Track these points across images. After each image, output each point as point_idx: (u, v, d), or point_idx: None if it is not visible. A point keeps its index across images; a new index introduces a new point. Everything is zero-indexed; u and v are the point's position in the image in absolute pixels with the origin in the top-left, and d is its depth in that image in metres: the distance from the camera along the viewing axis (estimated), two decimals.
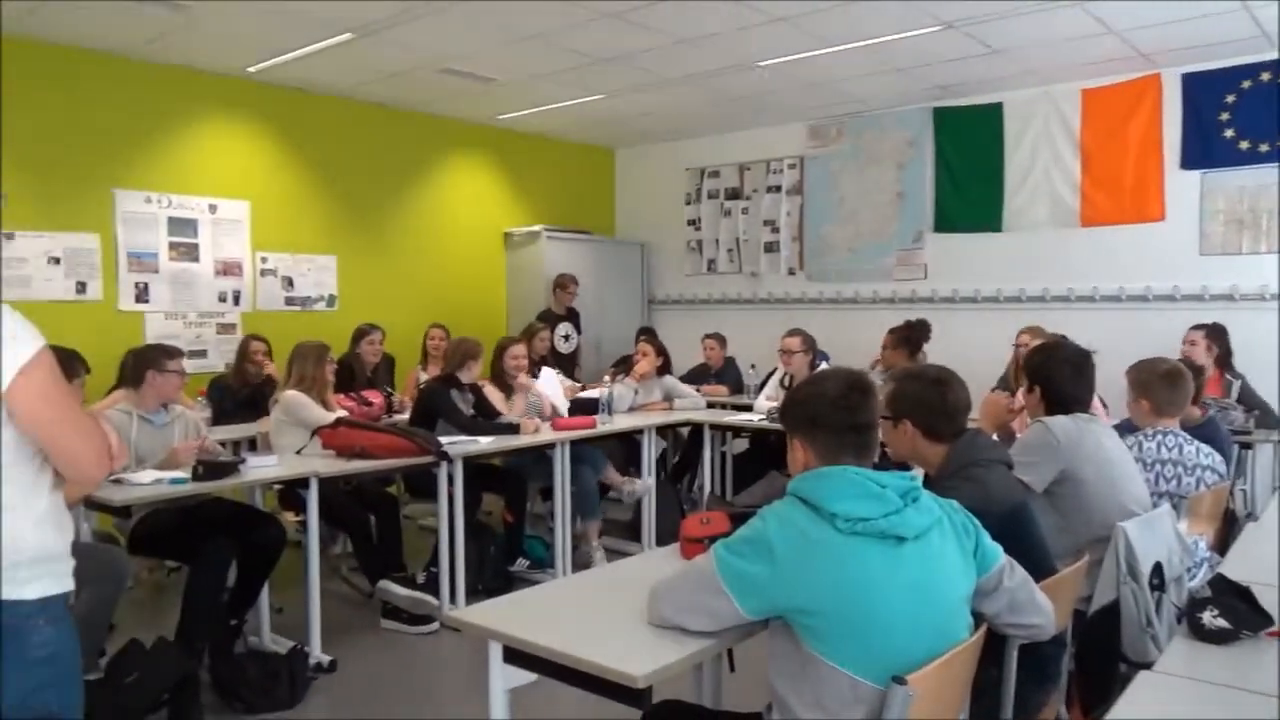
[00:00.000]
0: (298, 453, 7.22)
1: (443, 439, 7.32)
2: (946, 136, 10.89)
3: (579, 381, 10.36)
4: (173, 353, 6.45)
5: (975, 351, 9.46)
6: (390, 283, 11.13)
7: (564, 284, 11.51)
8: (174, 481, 6.12)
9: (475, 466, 7.51)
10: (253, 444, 8.06)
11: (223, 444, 7.58)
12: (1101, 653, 4.55)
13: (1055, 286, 10.34)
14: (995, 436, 5.38)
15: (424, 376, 9.40)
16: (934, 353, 9.12)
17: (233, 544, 6.48)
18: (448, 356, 8.00)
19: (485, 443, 7.41)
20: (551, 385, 8.84)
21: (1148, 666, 3.78)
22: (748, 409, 9.62)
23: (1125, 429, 5.60)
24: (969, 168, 10.75)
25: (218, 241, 10.00)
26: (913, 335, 8.97)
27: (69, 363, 5.96)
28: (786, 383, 9.05)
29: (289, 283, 10.48)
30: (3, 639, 3.51)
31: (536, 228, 12.35)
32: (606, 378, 9.53)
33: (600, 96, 10.39)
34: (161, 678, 5.53)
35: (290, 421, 7.47)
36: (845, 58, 9.36)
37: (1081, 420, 5.05)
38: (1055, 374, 5.12)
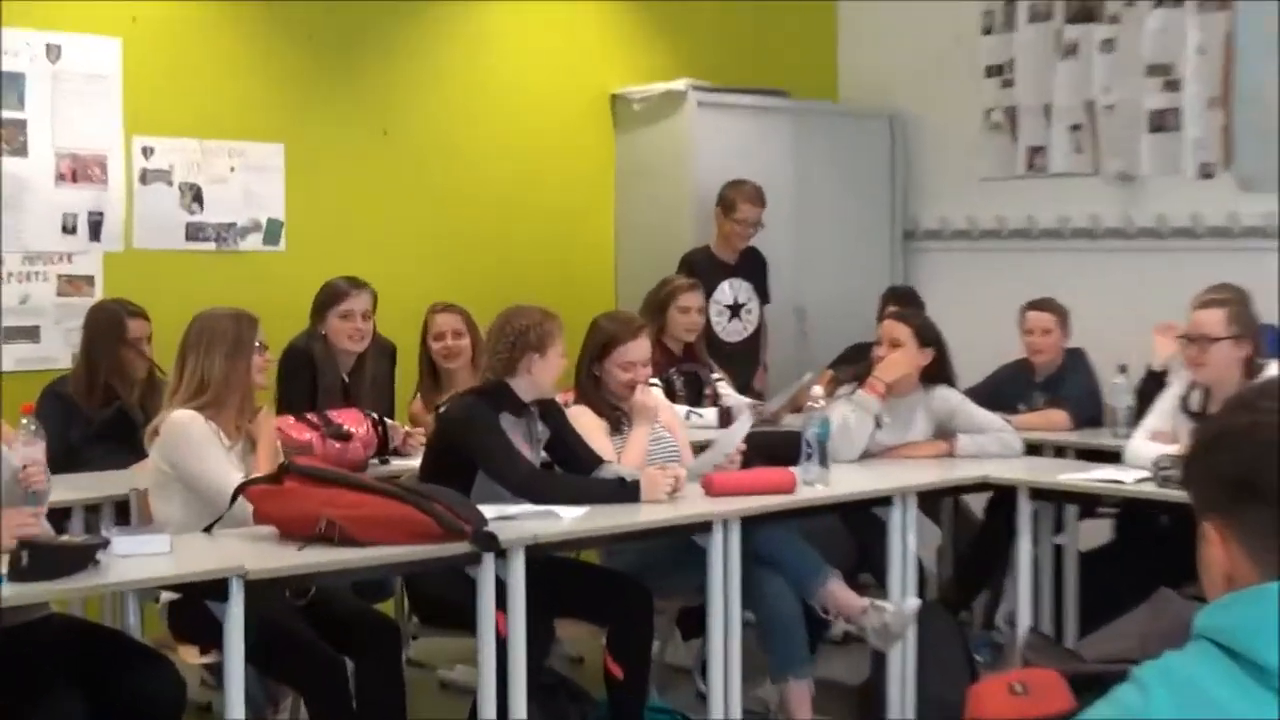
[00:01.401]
0: (205, 530, 4.35)
1: (486, 509, 4.32)
2: None
3: (760, 399, 6.56)
4: None
5: None
6: (386, 203, 6.85)
7: (735, 201, 6.99)
8: None
9: (550, 565, 4.49)
10: (123, 510, 4.87)
11: (63, 511, 4.63)
12: None
13: None
14: None
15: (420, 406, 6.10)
16: None
17: (80, 704, 3.92)
18: (494, 348, 4.79)
19: (570, 517, 4.46)
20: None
21: None
22: (1112, 458, 5.69)
23: None
24: None
25: (63, 115, 6.10)
26: None
27: None
28: (1195, 405, 5.43)
29: (193, 198, 6.41)
30: None
31: (679, 84, 7.42)
32: (817, 388, 5.46)
33: None
34: None
35: (179, 474, 4.53)
36: None
37: None
38: None
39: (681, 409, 6.21)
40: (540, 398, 4.91)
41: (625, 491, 4.73)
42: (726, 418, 6.16)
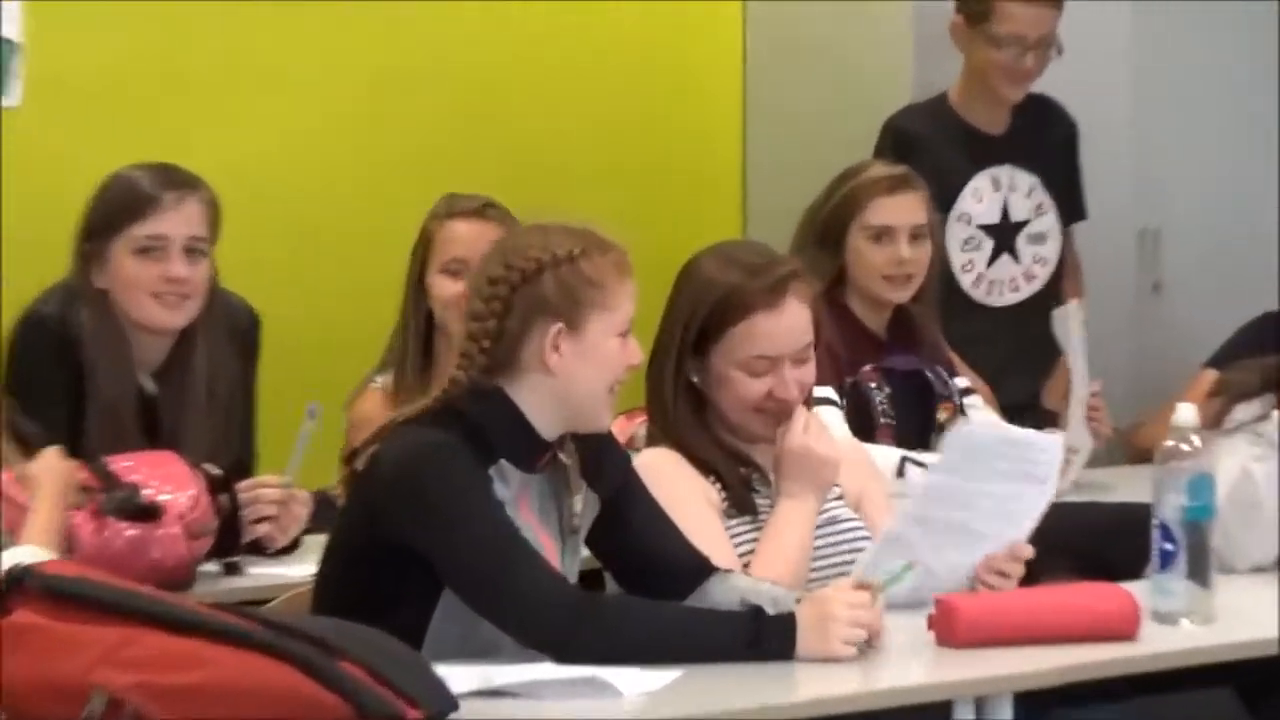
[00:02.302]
0: None
1: (454, 672, 2.54)
2: None
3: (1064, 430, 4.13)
4: None
5: None
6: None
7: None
8: None
9: None
10: None
11: None
12: None
13: None
14: None
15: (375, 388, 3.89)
16: None
17: None
18: (476, 317, 2.77)
19: (640, 693, 2.57)
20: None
21: None
22: None
23: None
24: None
25: None
26: None
27: None
28: None
29: None
30: None
31: None
32: (1185, 410, 3.12)
33: None
34: None
35: None
36: None
37: None
38: None
39: (889, 454, 3.81)
40: (578, 428, 2.79)
41: (765, 637, 2.67)
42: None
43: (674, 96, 5.36)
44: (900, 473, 3.76)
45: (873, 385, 3.90)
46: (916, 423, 3.94)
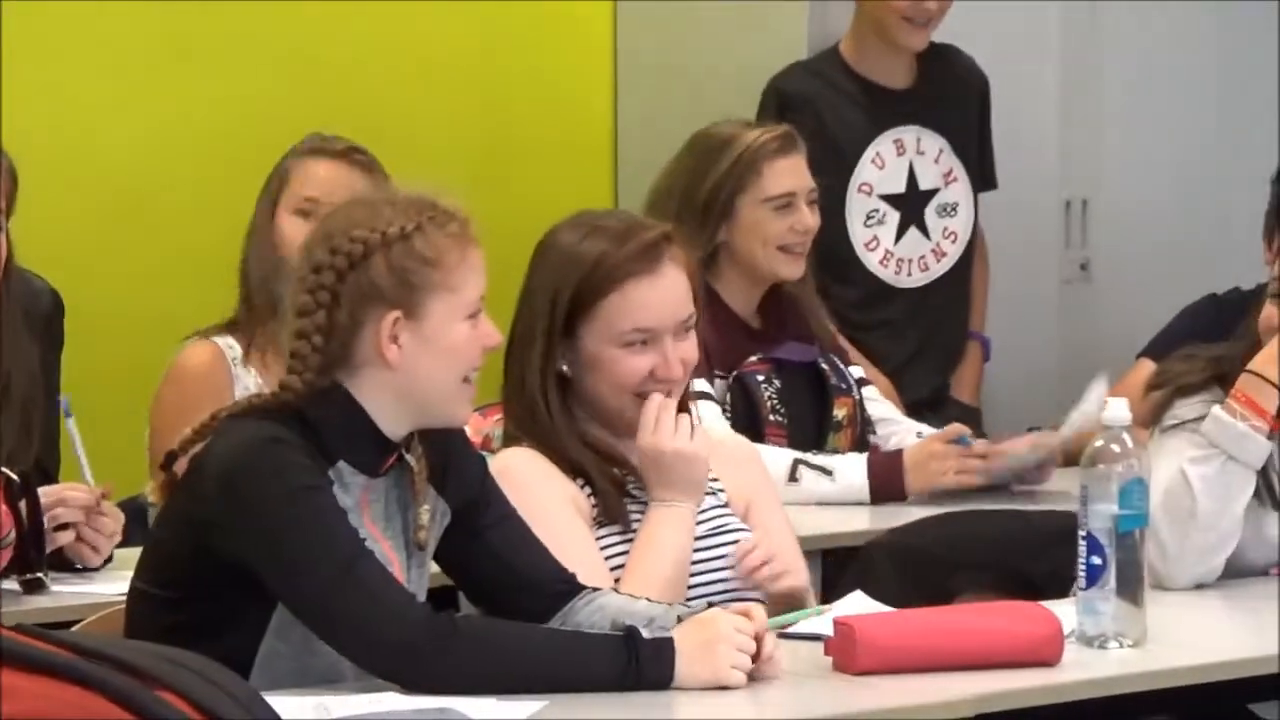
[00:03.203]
0: None
1: (285, 701, 2.31)
2: None
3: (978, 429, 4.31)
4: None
5: None
6: None
7: None
8: None
9: None
10: None
11: None
12: None
13: None
14: None
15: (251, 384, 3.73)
16: None
17: None
18: (301, 299, 2.58)
19: None
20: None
21: None
22: None
23: None
24: None
25: None
26: None
27: None
28: None
29: None
30: None
31: None
32: (1114, 406, 2.74)
33: None
34: None
35: None
36: None
37: None
38: None
39: (779, 456, 3.65)
40: (430, 425, 2.62)
41: (641, 663, 2.52)
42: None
43: (543, 46, 5.09)
44: (793, 477, 3.59)
45: (760, 378, 3.69)
46: (811, 420, 3.74)
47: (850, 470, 3.69)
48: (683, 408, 2.82)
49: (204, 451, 2.47)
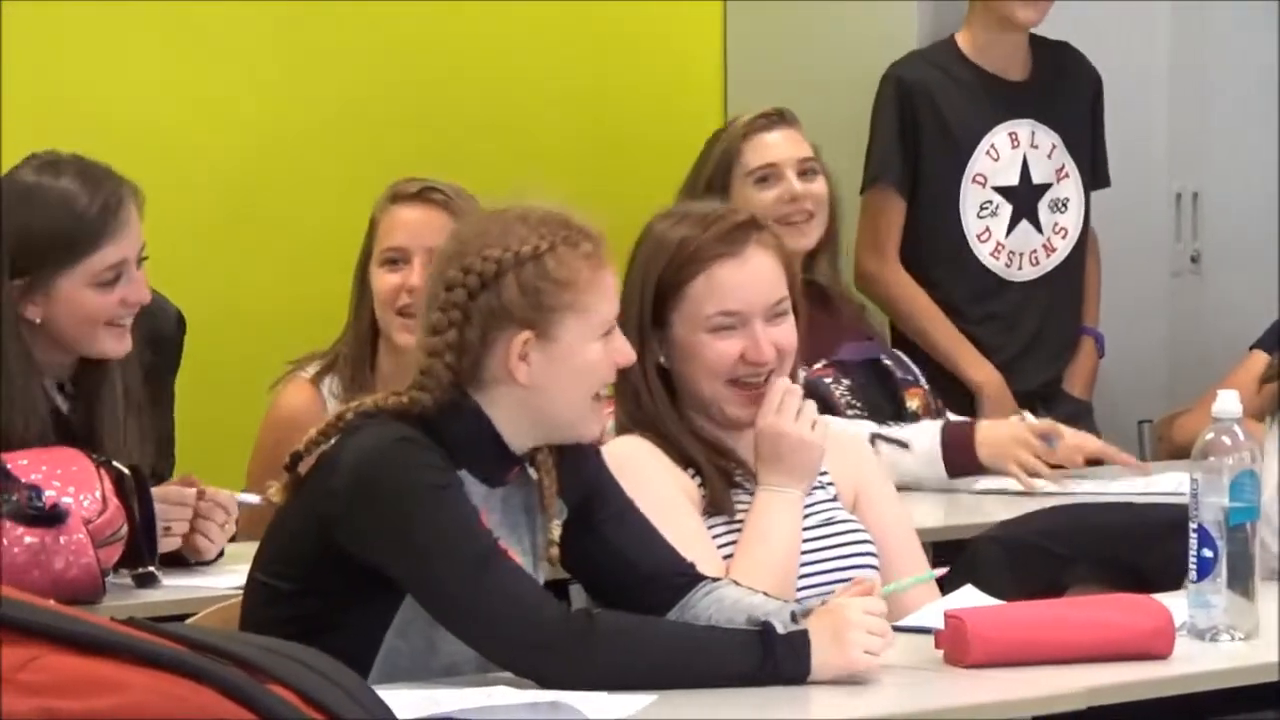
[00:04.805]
0: None
1: (405, 694, 2.44)
2: None
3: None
4: None
5: None
6: None
7: None
8: None
9: None
10: None
11: None
12: None
13: None
14: None
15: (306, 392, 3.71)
16: None
17: None
18: (433, 317, 2.57)
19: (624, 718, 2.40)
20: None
21: None
22: None
23: None
24: None
25: None
26: None
27: None
28: None
29: None
30: None
31: None
32: (1226, 398, 2.92)
33: None
34: None
35: None
36: None
37: None
38: None
39: (856, 429, 3.63)
40: (561, 441, 2.64)
41: (779, 658, 2.51)
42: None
43: (653, 46, 5.15)
44: (874, 444, 3.57)
45: (828, 381, 3.71)
46: (885, 414, 3.76)
47: (925, 438, 3.70)
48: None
49: (334, 449, 2.48)
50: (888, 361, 3.77)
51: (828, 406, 3.59)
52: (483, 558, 2.45)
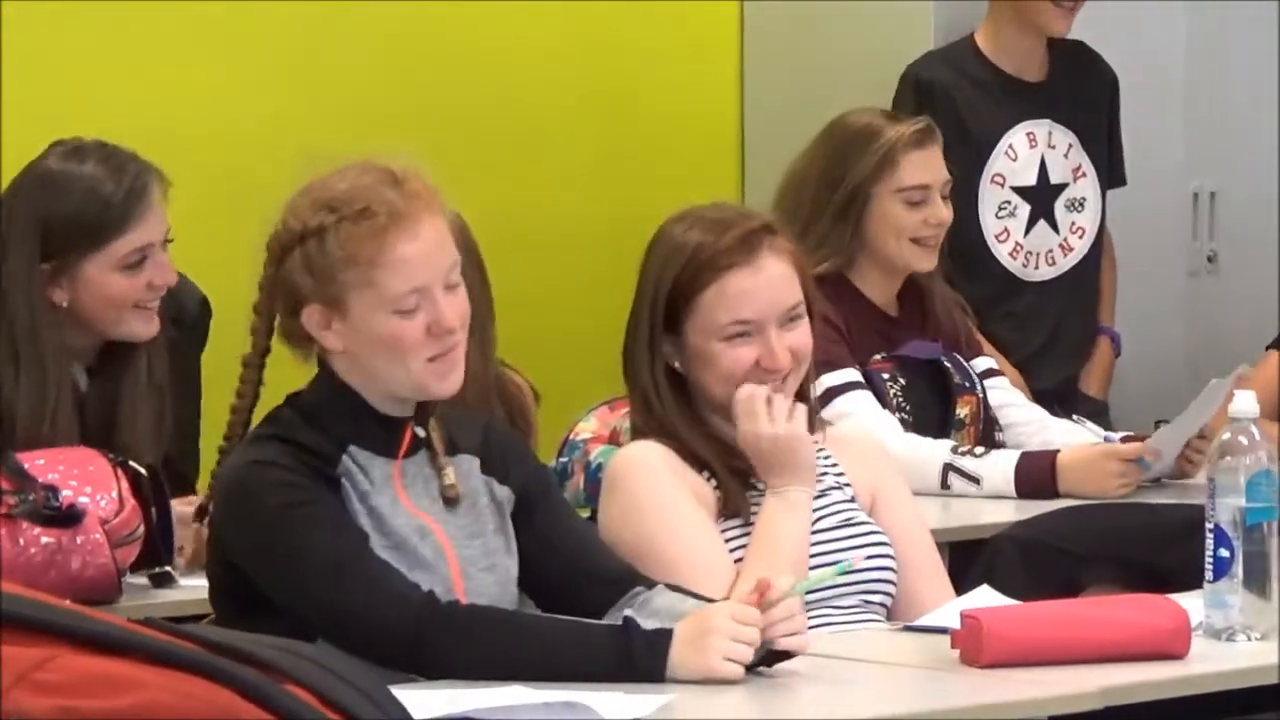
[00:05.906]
0: None
1: (413, 694, 2.38)
2: None
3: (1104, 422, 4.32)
4: None
5: None
6: None
7: None
8: None
9: None
10: None
11: None
12: None
13: None
14: None
15: None
16: None
17: None
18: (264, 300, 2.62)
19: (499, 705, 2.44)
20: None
21: None
22: None
23: None
24: None
25: None
26: None
27: None
28: None
29: None
30: None
31: None
32: (1242, 398, 2.71)
33: None
34: None
35: None
36: None
37: None
38: None
39: (933, 453, 3.63)
40: (405, 398, 2.63)
41: (634, 654, 2.50)
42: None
43: (670, 39, 5.11)
44: (944, 484, 3.59)
45: (885, 376, 3.67)
46: (933, 418, 3.72)
47: (997, 475, 3.66)
48: (799, 397, 2.78)
49: (212, 481, 2.66)
50: (948, 364, 3.73)
51: (879, 399, 3.61)
52: (338, 565, 2.47)
